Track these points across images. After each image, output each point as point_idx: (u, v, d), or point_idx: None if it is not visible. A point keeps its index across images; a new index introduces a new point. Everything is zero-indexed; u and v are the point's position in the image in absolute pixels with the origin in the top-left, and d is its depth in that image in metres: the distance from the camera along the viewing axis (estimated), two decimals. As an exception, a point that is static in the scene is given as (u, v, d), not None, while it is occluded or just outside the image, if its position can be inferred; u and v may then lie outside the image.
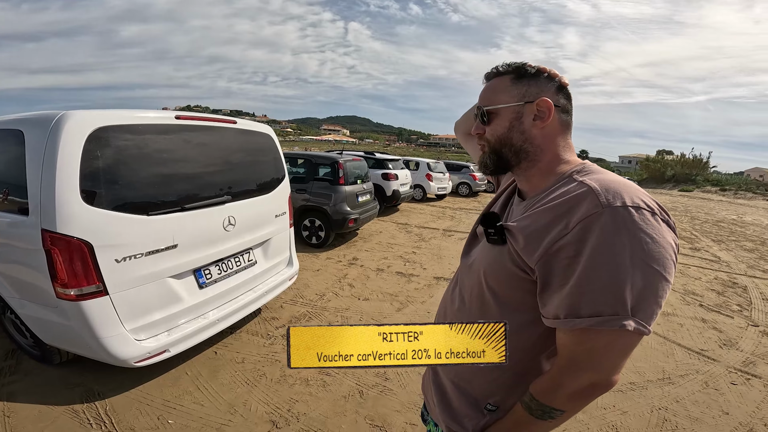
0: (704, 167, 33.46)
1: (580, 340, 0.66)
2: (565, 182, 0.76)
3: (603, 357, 0.66)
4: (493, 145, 0.83)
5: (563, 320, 0.66)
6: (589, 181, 0.70)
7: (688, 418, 2.35)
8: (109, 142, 1.95)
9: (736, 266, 6.23)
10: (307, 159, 6.12)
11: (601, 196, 0.65)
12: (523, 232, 0.73)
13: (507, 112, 0.81)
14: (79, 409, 2.13)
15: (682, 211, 14.94)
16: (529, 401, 0.75)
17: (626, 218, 0.62)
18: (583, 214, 0.65)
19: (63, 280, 1.83)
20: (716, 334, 3.58)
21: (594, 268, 0.62)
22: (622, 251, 0.61)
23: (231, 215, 2.60)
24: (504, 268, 0.77)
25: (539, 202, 0.77)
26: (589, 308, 0.63)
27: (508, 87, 0.82)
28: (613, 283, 0.61)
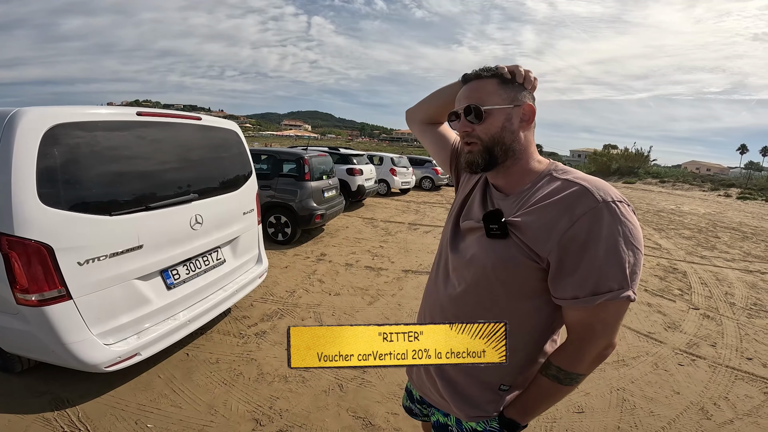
0: (645, 160, 35.91)
1: (594, 313, 0.79)
2: (548, 180, 0.88)
3: (612, 323, 0.80)
4: (486, 143, 0.88)
5: (584, 299, 0.77)
6: (577, 179, 0.83)
7: (644, 398, 2.51)
8: (67, 140, 1.85)
9: (676, 253, 6.72)
10: (272, 155, 6.01)
11: (596, 193, 0.78)
12: (531, 226, 0.82)
13: (500, 113, 0.88)
14: (50, 417, 2.04)
15: (627, 201, 15.95)
16: (557, 372, 0.85)
17: (618, 211, 0.76)
18: (584, 208, 0.77)
19: (23, 285, 1.72)
20: (661, 317, 3.84)
21: (603, 253, 0.75)
22: (620, 237, 0.75)
23: (198, 213, 2.53)
24: (514, 260, 0.84)
25: (533, 198, 0.86)
26: (604, 286, 0.76)
27: (497, 90, 0.88)
28: (618, 264, 0.75)
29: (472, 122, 0.88)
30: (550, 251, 0.79)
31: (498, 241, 0.87)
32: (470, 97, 0.89)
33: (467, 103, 0.89)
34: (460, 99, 0.93)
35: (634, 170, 32.75)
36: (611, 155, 38.36)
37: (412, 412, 1.25)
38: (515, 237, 0.84)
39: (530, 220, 0.82)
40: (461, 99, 0.92)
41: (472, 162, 0.90)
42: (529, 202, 0.86)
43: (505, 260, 0.85)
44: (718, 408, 2.46)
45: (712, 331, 3.59)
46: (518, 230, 0.84)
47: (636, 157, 36.33)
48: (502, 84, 0.89)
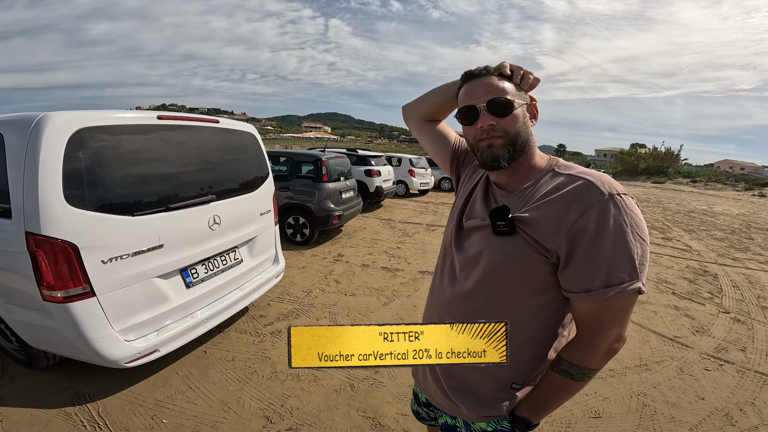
0: (676, 160, 34.63)
1: (605, 305, 0.79)
2: (551, 176, 0.89)
3: (622, 315, 0.80)
4: (512, 137, 0.88)
5: (596, 291, 0.78)
6: (581, 174, 0.85)
7: (666, 404, 2.44)
8: (91, 144, 1.93)
9: (707, 255, 6.46)
10: (290, 157, 6.10)
11: (601, 187, 0.79)
12: (539, 221, 0.83)
13: (521, 109, 0.89)
14: (71, 411, 2.11)
15: (654, 202, 15.46)
16: (569, 368, 0.85)
17: (624, 203, 0.78)
18: (591, 201, 0.78)
19: (49, 282, 1.81)
20: (689, 321, 3.71)
21: (612, 244, 0.76)
22: (627, 228, 0.76)
23: (216, 214, 2.59)
24: (523, 255, 0.84)
25: (537, 193, 0.87)
26: (615, 278, 0.76)
27: (513, 87, 0.89)
28: (627, 255, 0.76)
29: (498, 116, 0.87)
30: (559, 245, 0.80)
31: (506, 238, 0.87)
32: (492, 92, 0.88)
33: (491, 96, 0.87)
34: (475, 94, 0.90)
35: (664, 170, 31.65)
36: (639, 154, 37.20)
37: (420, 415, 1.24)
38: (523, 233, 0.85)
39: (538, 215, 0.83)
40: (478, 94, 0.89)
41: (498, 156, 0.88)
42: (534, 197, 0.87)
43: (513, 256, 0.86)
44: (744, 414, 2.36)
45: (742, 336, 3.44)
46: (526, 225, 0.85)
47: (665, 156, 35.10)
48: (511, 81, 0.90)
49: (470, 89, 0.92)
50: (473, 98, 0.90)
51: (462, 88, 0.95)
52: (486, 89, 0.89)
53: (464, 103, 0.92)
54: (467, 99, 0.92)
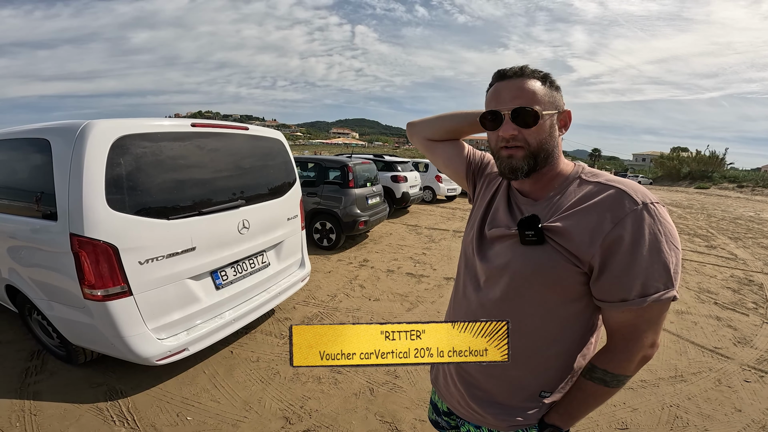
0: (720, 164, 32.79)
1: (641, 313, 0.78)
2: (578, 184, 0.87)
3: (657, 323, 0.80)
4: (535, 148, 0.85)
5: (633, 301, 0.77)
6: (610, 182, 0.83)
7: (700, 415, 2.35)
8: (131, 150, 2.05)
9: (753, 264, 6.11)
10: (317, 163, 6.22)
11: (635, 196, 0.78)
12: (572, 231, 0.81)
13: (548, 117, 0.85)
14: (102, 407, 2.21)
15: (698, 208, 14.67)
16: (603, 376, 0.84)
17: (658, 212, 0.77)
18: (625, 210, 0.77)
19: (90, 281, 1.93)
20: (731, 331, 3.55)
21: (648, 254, 0.75)
22: (662, 237, 0.75)
23: (245, 218, 2.69)
24: (554, 265, 0.82)
25: (565, 202, 0.85)
26: (652, 287, 0.75)
27: (546, 93, 0.85)
28: (663, 264, 0.75)
29: (521, 126, 0.83)
30: (593, 255, 0.78)
31: (535, 248, 0.85)
32: (519, 98, 0.83)
33: (518, 104, 0.83)
34: (502, 98, 0.85)
35: (708, 174, 30.00)
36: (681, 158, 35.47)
37: (439, 425, 1.22)
38: (553, 242, 0.83)
39: (570, 225, 0.81)
40: (505, 98, 0.85)
41: (517, 168, 0.86)
42: (563, 206, 0.85)
43: (544, 266, 0.84)
44: (783, 427, 2.22)
45: (788, 348, 3.23)
46: (557, 235, 0.82)
47: (710, 160, 33.31)
48: (549, 86, 0.86)
49: (498, 91, 0.87)
50: (499, 102, 0.86)
51: (491, 88, 0.90)
52: (514, 94, 0.84)
53: (490, 107, 0.88)
54: (493, 102, 0.87)
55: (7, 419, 2.07)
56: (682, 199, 18.77)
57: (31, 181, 2.28)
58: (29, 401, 2.23)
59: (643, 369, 2.78)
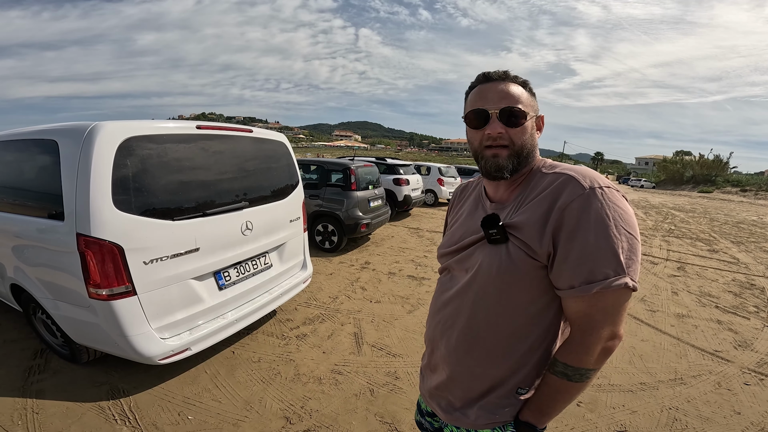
0: (724, 168, 32.72)
1: (592, 302, 0.77)
2: (539, 177, 0.89)
3: (614, 313, 0.78)
4: (518, 148, 0.88)
5: (579, 288, 0.76)
6: (563, 170, 0.84)
7: (699, 418, 2.35)
8: (138, 152, 2.08)
9: (755, 268, 6.13)
10: (320, 165, 6.25)
11: (582, 181, 0.79)
12: (526, 224, 0.83)
13: (531, 121, 0.90)
14: (105, 405, 2.23)
15: (701, 212, 14.65)
16: (564, 369, 0.84)
17: (605, 196, 0.77)
18: (571, 195, 0.78)
19: (96, 281, 1.96)
20: (731, 335, 3.56)
21: (594, 238, 0.74)
22: (610, 222, 0.74)
23: (248, 220, 2.71)
24: (517, 261, 0.84)
25: (525, 200, 0.87)
26: (598, 273, 0.74)
27: (529, 96, 0.90)
28: (610, 249, 0.74)
29: (508, 125, 0.87)
30: (546, 244, 0.80)
31: (500, 246, 0.87)
32: (507, 98, 0.87)
33: (506, 104, 0.86)
34: (490, 98, 0.88)
35: (711, 178, 29.95)
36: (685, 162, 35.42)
37: (423, 426, 1.21)
38: (514, 238, 0.85)
39: (524, 219, 0.84)
40: (493, 98, 0.88)
41: (502, 167, 0.88)
42: (524, 202, 0.88)
43: (507, 263, 0.85)
44: (783, 430, 2.23)
45: (789, 351, 3.24)
46: (515, 230, 0.85)
47: (713, 164, 33.24)
48: (530, 91, 0.92)
49: (485, 92, 0.90)
50: (486, 102, 0.88)
51: (475, 89, 0.93)
52: (501, 95, 0.88)
53: (476, 106, 0.90)
54: (480, 102, 0.89)
55: (9, 417, 2.09)
56: (685, 203, 18.73)
57: (39, 182, 2.31)
58: (32, 399, 2.24)
59: (642, 371, 2.80)
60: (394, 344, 3.11)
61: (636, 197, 22.20)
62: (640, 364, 2.93)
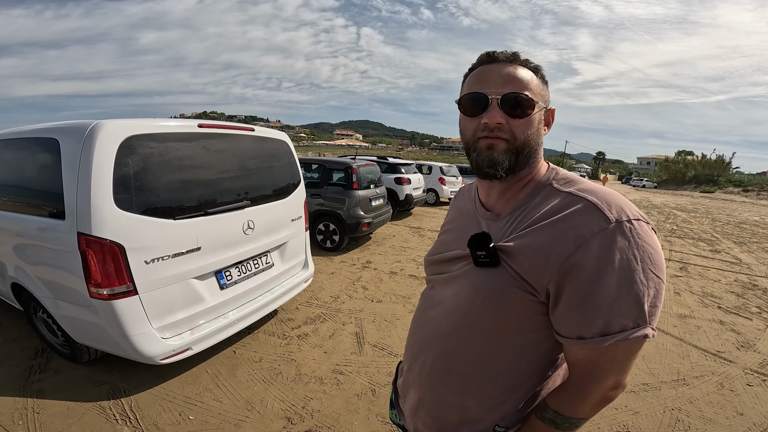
0: (726, 168, 32.68)
1: (602, 352, 0.66)
2: (547, 193, 0.75)
3: (623, 363, 0.68)
4: (520, 143, 0.73)
5: (590, 339, 0.65)
6: (582, 192, 0.70)
7: (701, 419, 2.35)
8: (139, 150, 2.07)
9: (758, 268, 6.12)
10: (321, 164, 6.24)
11: (607, 211, 0.64)
12: (525, 252, 0.69)
13: (539, 113, 0.75)
14: (105, 405, 2.22)
15: (703, 212, 14.62)
16: (554, 417, 0.74)
17: (635, 232, 0.63)
18: (591, 228, 0.64)
19: (96, 280, 1.95)
20: (734, 335, 3.55)
21: (616, 285, 0.62)
22: (637, 265, 0.62)
23: (250, 219, 2.70)
24: (506, 292, 0.71)
25: (528, 217, 0.74)
26: (616, 325, 0.63)
27: (539, 84, 0.76)
28: (634, 298, 0.62)
29: (510, 115, 0.72)
30: (549, 281, 0.67)
31: (487, 270, 0.74)
32: (513, 83, 0.72)
33: (510, 89, 0.72)
34: (492, 81, 0.74)
35: (714, 178, 29.92)
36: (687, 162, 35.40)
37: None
38: (507, 265, 0.72)
39: (524, 245, 0.70)
40: (495, 82, 0.73)
41: (497, 162, 0.74)
42: (525, 222, 0.73)
43: (495, 292, 0.73)
44: (785, 430, 2.23)
45: (791, 352, 3.24)
46: (509, 257, 0.71)
47: (715, 164, 33.21)
48: (540, 78, 0.77)
49: (486, 73, 0.75)
50: (487, 85, 0.74)
51: (476, 70, 0.78)
52: (506, 78, 0.73)
53: (474, 89, 0.75)
54: (478, 84, 0.75)
55: (10, 417, 2.08)
56: (687, 203, 18.69)
57: (40, 180, 2.30)
58: (33, 399, 2.23)
59: (645, 372, 2.79)
60: (395, 344, 3.10)
61: (638, 197, 22.17)
62: (642, 365, 2.92)
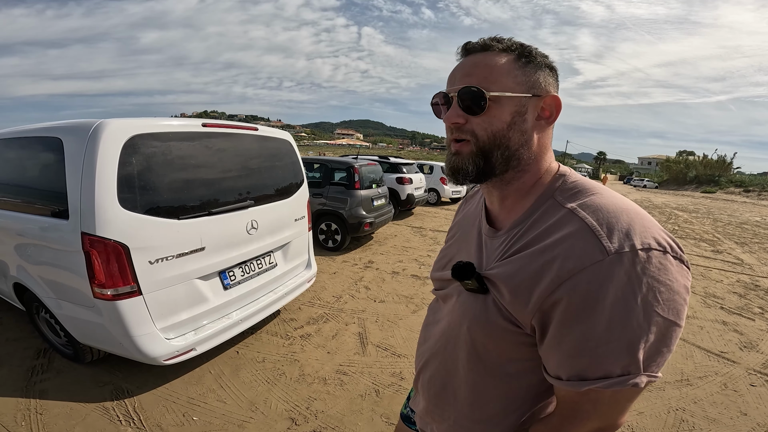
0: (727, 168, 32.68)
1: (583, 395, 0.58)
2: (549, 207, 0.65)
3: (609, 408, 0.59)
4: (484, 143, 0.64)
5: (566, 382, 0.58)
6: (582, 212, 0.59)
7: (706, 419, 2.35)
8: (143, 150, 2.06)
9: (759, 269, 6.11)
10: (323, 164, 6.23)
11: (604, 239, 0.53)
12: (507, 284, 0.62)
13: (510, 102, 0.63)
14: (109, 406, 2.20)
15: (704, 213, 14.60)
16: None
17: (638, 267, 0.51)
18: (582, 261, 0.53)
19: (100, 280, 1.93)
20: (737, 336, 3.55)
21: (605, 328, 0.52)
22: (635, 306, 0.51)
23: (254, 219, 2.69)
24: (492, 323, 0.66)
25: (523, 238, 0.65)
26: (597, 370, 0.54)
27: (512, 69, 0.64)
28: (625, 343, 0.52)
29: (468, 112, 0.64)
30: (532, 317, 0.59)
31: (477, 297, 0.68)
32: (471, 75, 0.64)
33: (465, 83, 0.63)
34: (455, 76, 0.67)
35: (715, 178, 29.91)
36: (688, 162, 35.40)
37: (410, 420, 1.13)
38: (494, 293, 0.66)
39: (507, 275, 0.63)
40: (457, 76, 0.66)
41: (458, 169, 0.67)
42: (518, 244, 0.65)
43: (481, 321, 0.67)
44: (788, 430, 2.23)
45: (794, 353, 3.24)
46: (494, 287, 0.66)
47: (717, 164, 33.20)
48: (523, 63, 0.65)
49: (455, 69, 0.68)
50: (450, 82, 0.68)
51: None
52: (468, 71, 0.65)
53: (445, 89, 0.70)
54: (448, 82, 0.69)
55: (12, 418, 2.07)
56: (688, 204, 18.67)
57: (43, 180, 2.29)
58: (35, 400, 2.22)
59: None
60: (398, 344, 3.09)
61: (639, 197, 22.14)
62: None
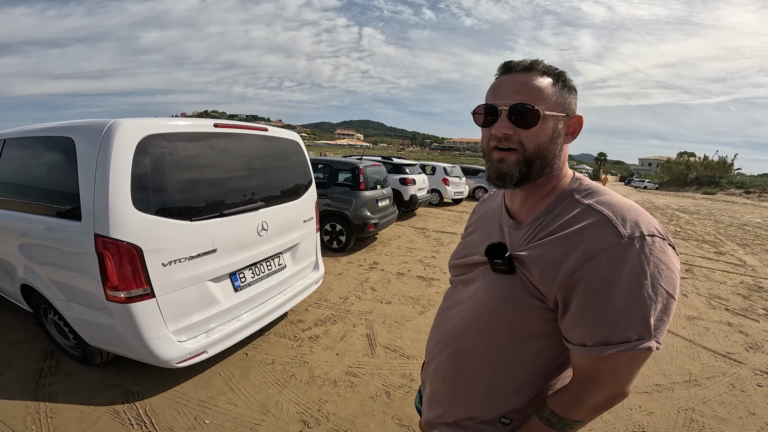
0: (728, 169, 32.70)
1: (602, 360, 0.68)
2: (568, 204, 0.76)
3: (624, 373, 0.69)
4: (530, 153, 0.74)
5: (591, 347, 0.67)
6: (599, 205, 0.71)
7: (715, 419, 2.37)
8: (157, 150, 2.04)
9: (762, 270, 6.13)
10: (328, 164, 6.22)
11: (620, 227, 0.65)
12: (537, 263, 0.72)
13: (552, 120, 0.75)
14: (120, 409, 2.18)
15: (705, 214, 14.61)
16: (550, 416, 0.77)
17: (646, 248, 0.64)
18: (602, 243, 0.65)
19: (114, 283, 1.92)
20: (742, 337, 3.58)
21: (623, 300, 0.63)
22: (646, 281, 0.63)
23: (264, 220, 2.68)
24: (518, 298, 0.75)
25: (547, 227, 0.76)
26: (618, 336, 0.64)
27: (555, 92, 0.75)
28: (640, 311, 0.63)
29: (518, 125, 0.74)
30: (557, 292, 0.69)
31: (503, 277, 0.78)
32: (521, 93, 0.73)
33: (517, 99, 0.73)
34: (501, 92, 0.76)
35: (715, 180, 29.91)
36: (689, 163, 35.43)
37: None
38: (521, 273, 0.75)
39: (537, 255, 0.73)
40: (505, 92, 0.75)
41: (506, 174, 0.76)
42: (543, 232, 0.76)
43: (508, 299, 0.76)
44: (797, 429, 2.25)
45: (799, 353, 3.27)
46: (523, 266, 0.75)
47: (717, 165, 33.23)
48: (561, 86, 0.76)
49: (500, 84, 0.78)
50: (497, 96, 0.76)
51: (494, 81, 0.80)
52: (515, 88, 0.74)
53: (487, 100, 0.79)
54: (491, 96, 0.78)
55: (22, 421, 2.05)
56: (689, 205, 18.68)
57: (54, 180, 2.27)
58: (44, 403, 2.20)
59: (657, 373, 2.80)
60: (407, 346, 3.09)
61: (640, 198, 22.14)
62: (654, 366, 2.92)
